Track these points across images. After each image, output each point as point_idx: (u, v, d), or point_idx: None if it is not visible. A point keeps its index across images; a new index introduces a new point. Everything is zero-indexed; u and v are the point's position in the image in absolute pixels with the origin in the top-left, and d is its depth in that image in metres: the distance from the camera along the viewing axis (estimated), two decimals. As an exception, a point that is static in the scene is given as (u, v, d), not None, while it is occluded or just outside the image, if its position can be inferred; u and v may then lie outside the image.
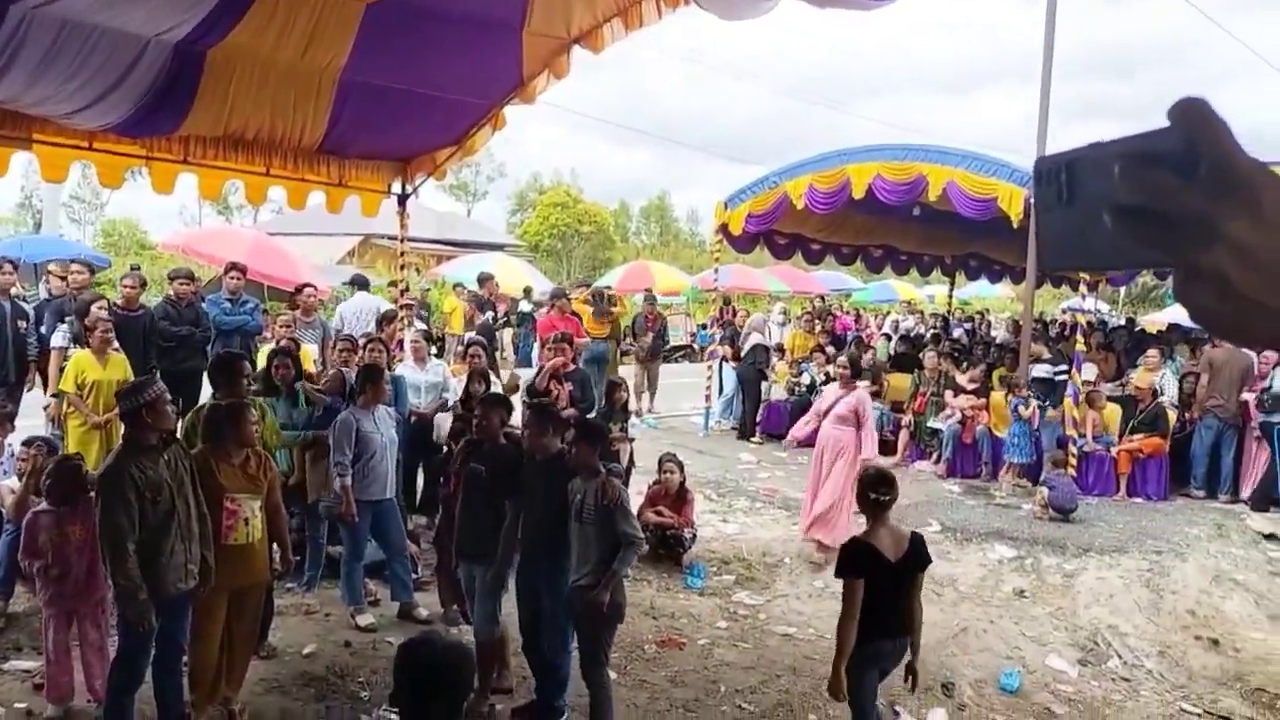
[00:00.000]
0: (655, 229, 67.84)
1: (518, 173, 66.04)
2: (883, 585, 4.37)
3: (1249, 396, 10.43)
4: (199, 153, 7.04)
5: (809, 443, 8.69)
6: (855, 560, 4.42)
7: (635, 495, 8.51)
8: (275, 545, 5.29)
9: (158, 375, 5.36)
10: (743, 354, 14.19)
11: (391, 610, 6.60)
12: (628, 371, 13.78)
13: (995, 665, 6.47)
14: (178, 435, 4.98)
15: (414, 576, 7.09)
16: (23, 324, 8.36)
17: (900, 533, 4.53)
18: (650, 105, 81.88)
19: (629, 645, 6.37)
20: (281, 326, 8.76)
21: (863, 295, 33.28)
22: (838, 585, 7.57)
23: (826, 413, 8.26)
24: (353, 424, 6.31)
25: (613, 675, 5.89)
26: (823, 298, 25.48)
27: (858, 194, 11.94)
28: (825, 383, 13.35)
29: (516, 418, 6.16)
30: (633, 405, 13.39)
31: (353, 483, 6.24)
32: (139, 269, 10.35)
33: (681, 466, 8.32)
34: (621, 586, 5.03)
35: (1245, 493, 10.36)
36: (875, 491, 4.48)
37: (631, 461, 8.65)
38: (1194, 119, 0.70)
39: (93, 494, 5.19)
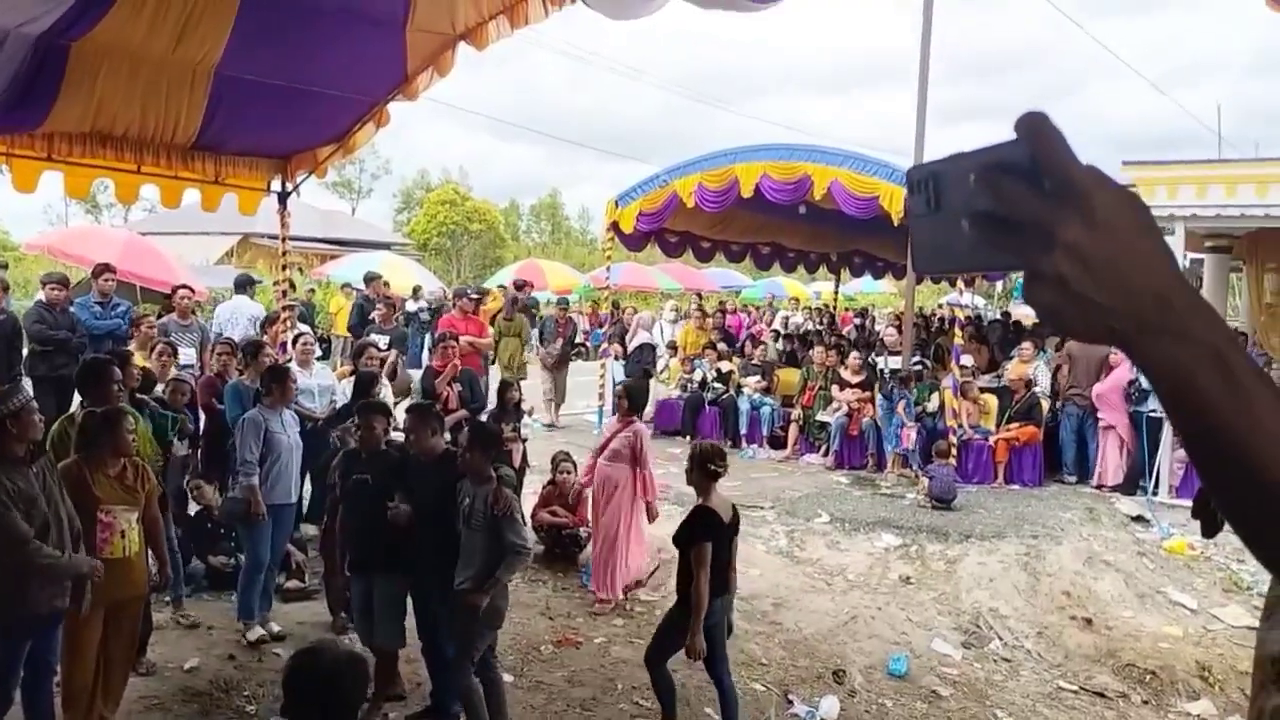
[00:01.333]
0: (546, 227, 67.57)
1: (404, 170, 64.99)
2: (719, 548, 4.98)
3: (1100, 387, 10.95)
4: (64, 149, 6.71)
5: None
6: (706, 525, 4.99)
7: (529, 495, 8.49)
8: (153, 558, 5.08)
9: (21, 383, 5.09)
10: (629, 352, 14.29)
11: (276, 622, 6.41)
12: (534, 376, 13.73)
13: (884, 651, 6.66)
14: (46, 446, 4.74)
15: (301, 585, 6.94)
16: None
17: (725, 499, 5.23)
18: (539, 102, 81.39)
19: (525, 647, 6.35)
20: (149, 329, 8.39)
21: (752, 293, 33.80)
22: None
23: (602, 449, 7.45)
24: (261, 423, 6.10)
25: (509, 677, 5.87)
26: (702, 298, 25.77)
27: (746, 193, 12.12)
28: (717, 378, 13.57)
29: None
30: (541, 416, 13.37)
31: (259, 484, 6.03)
32: (5, 268, 9.78)
33: (576, 466, 8.32)
34: (504, 593, 4.99)
35: (1096, 479, 10.86)
36: (713, 463, 5.08)
37: (525, 462, 8.61)
38: (1034, 132, 0.76)
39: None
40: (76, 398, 7.94)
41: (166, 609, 6.26)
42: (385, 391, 7.92)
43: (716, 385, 13.51)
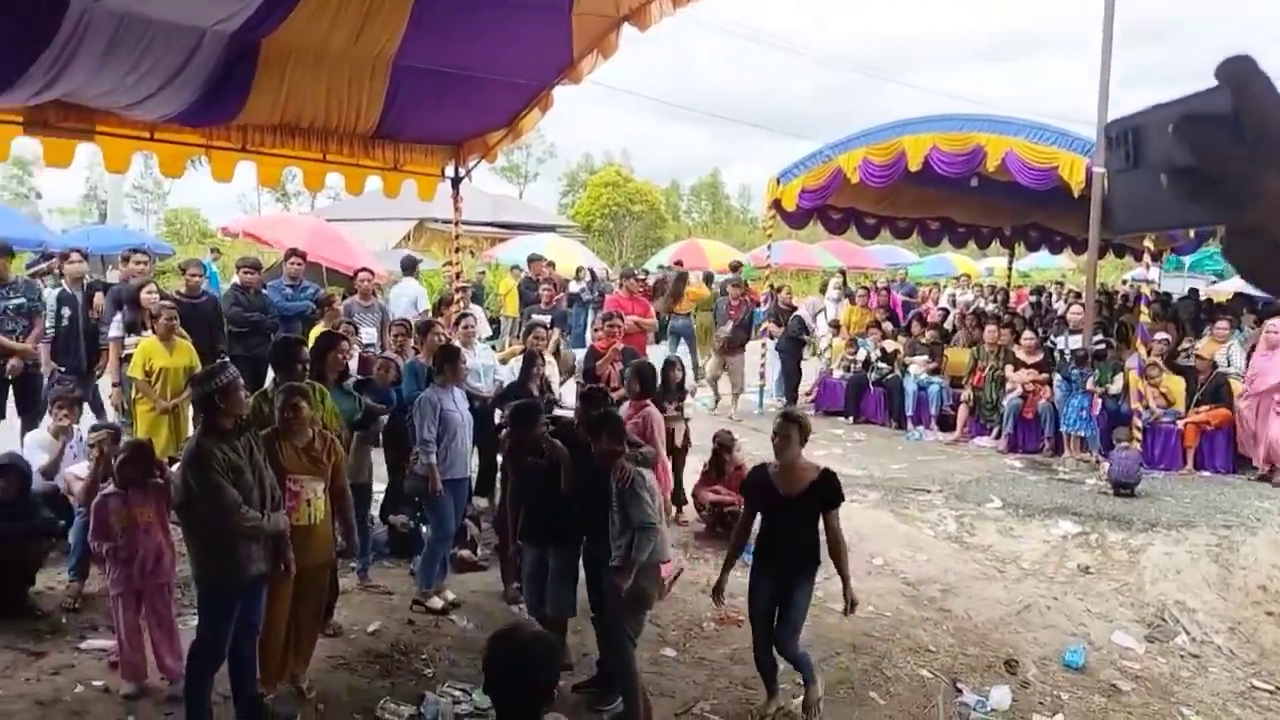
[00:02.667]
0: (706, 207, 67.52)
1: (568, 153, 66.10)
2: (772, 516, 5.11)
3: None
4: (257, 140, 7.15)
5: None
6: (747, 482, 5.34)
7: (691, 474, 8.54)
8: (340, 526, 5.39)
9: (229, 361, 5.47)
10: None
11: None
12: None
13: (1059, 642, 6.38)
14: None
15: (473, 557, 7.20)
16: (94, 313, 8.61)
17: (804, 470, 5.09)
18: (700, 82, 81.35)
19: (687, 622, 6.40)
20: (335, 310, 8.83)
21: (919, 269, 32.84)
22: (896, 562, 7.62)
23: None
24: (436, 402, 6.35)
25: (671, 652, 5.95)
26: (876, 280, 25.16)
27: (914, 166, 11.77)
28: (881, 358, 13.26)
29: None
30: (706, 399, 13.35)
31: (436, 461, 6.28)
32: (218, 254, 10.47)
33: (737, 445, 8.32)
34: (650, 575, 4.93)
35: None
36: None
37: (688, 441, 8.66)
38: (1236, 77, 0.72)
39: (161, 479, 5.37)
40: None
41: (352, 574, 6.64)
42: (550, 369, 8.10)
43: (881, 365, 13.21)
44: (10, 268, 8.34)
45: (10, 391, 8.06)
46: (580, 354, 10.47)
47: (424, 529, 6.96)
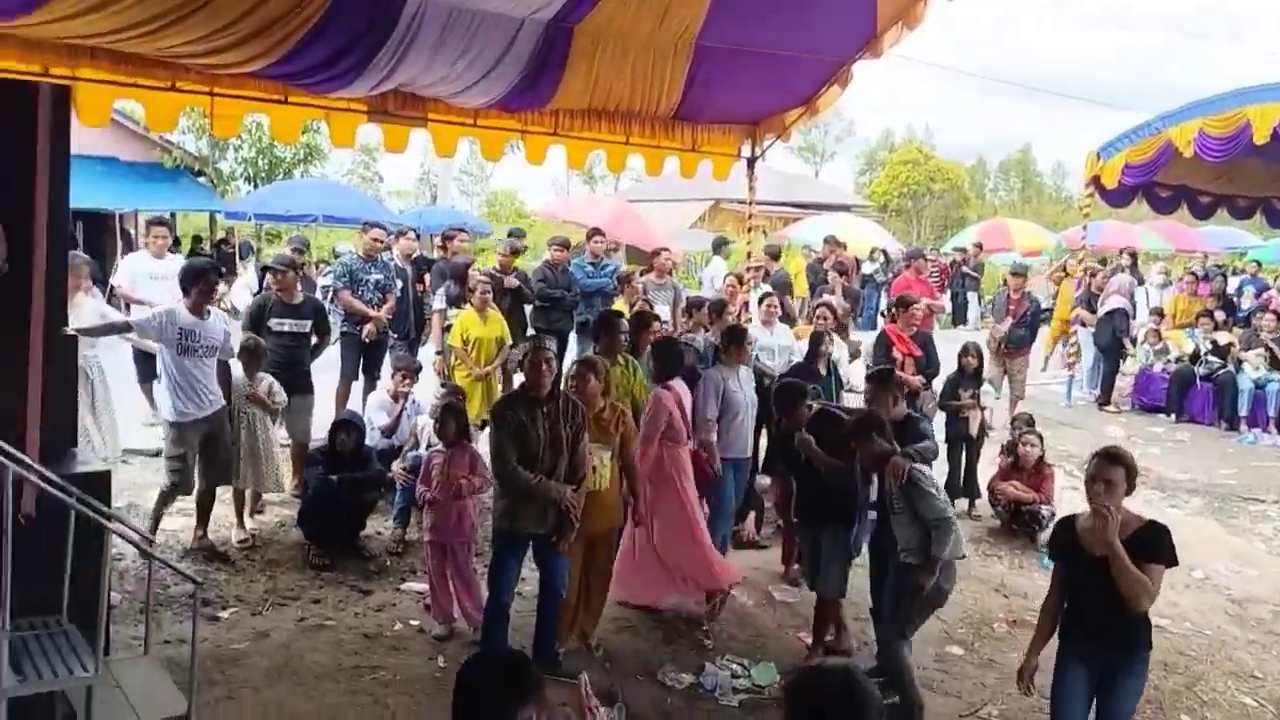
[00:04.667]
0: (1015, 185, 63.69)
1: (868, 131, 64.51)
2: (1079, 575, 3.85)
3: None
4: (567, 125, 7.50)
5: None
6: (1053, 540, 4.13)
7: (988, 466, 8.12)
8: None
9: (543, 339, 5.86)
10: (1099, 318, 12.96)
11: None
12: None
13: None
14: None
15: (755, 536, 7.25)
16: (421, 287, 9.44)
17: (1125, 523, 3.70)
18: (1011, 53, 76.60)
19: (977, 622, 6.12)
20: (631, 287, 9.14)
21: (1261, 254, 29.20)
22: (1220, 576, 6.87)
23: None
24: (720, 381, 6.43)
25: (958, 650, 5.70)
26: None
27: (1260, 139, 10.45)
28: (1211, 351, 11.95)
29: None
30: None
31: (717, 439, 6.37)
32: (522, 236, 11.17)
33: (1041, 439, 7.81)
34: (949, 573, 4.76)
35: None
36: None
37: (984, 431, 8.25)
38: None
39: (470, 443, 5.87)
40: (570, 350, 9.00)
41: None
42: (837, 351, 7.96)
43: (1211, 359, 11.91)
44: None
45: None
46: (870, 336, 10.22)
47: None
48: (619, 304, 8.64)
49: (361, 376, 8.71)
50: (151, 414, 8.35)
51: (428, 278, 9.60)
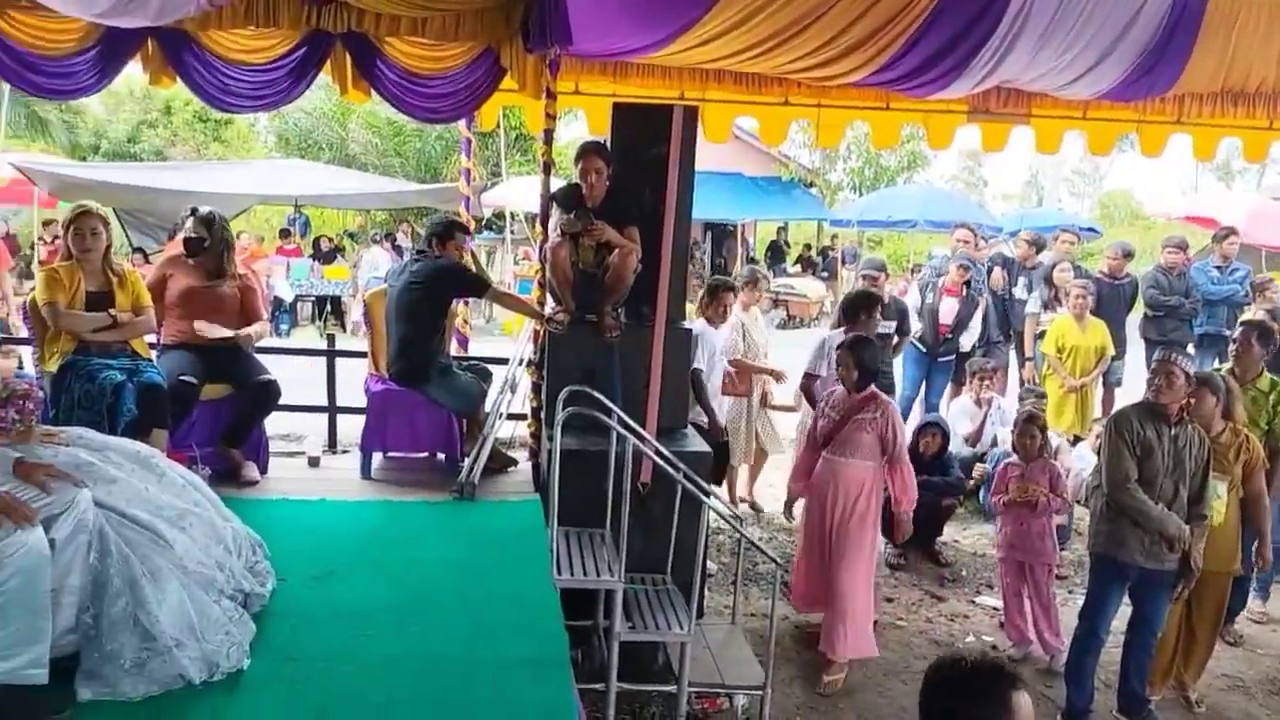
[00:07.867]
0: None
1: None
2: None
3: None
4: (1193, 111, 6.70)
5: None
6: None
7: None
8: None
9: (1175, 349, 5.30)
10: None
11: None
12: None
13: None
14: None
15: None
16: (994, 285, 8.94)
17: None
18: None
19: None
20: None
21: None
22: None
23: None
24: None
25: None
26: None
27: None
28: None
29: None
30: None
31: None
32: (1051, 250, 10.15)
33: None
34: None
35: None
36: None
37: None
38: None
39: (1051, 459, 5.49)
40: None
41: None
42: None
43: None
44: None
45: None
46: None
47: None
48: (1249, 312, 7.48)
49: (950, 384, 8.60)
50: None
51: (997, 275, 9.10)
